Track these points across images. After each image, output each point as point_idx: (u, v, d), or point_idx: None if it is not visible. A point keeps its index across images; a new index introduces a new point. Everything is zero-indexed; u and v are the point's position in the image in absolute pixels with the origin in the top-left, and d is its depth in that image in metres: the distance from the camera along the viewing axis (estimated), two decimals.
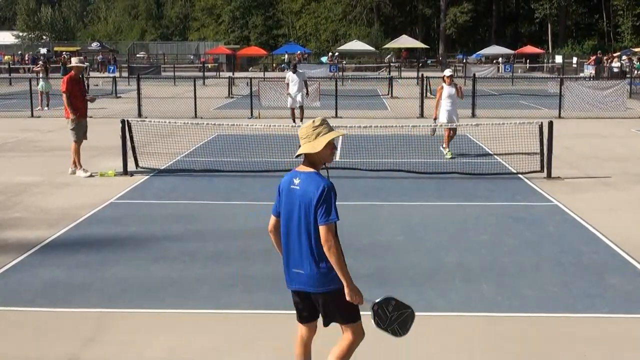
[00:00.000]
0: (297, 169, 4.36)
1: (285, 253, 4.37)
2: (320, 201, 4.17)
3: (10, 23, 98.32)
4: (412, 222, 9.39)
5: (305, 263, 4.27)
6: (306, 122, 4.41)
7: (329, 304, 4.33)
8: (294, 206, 4.27)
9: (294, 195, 4.27)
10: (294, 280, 4.36)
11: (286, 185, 4.34)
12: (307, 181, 4.24)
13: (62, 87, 12.73)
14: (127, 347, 5.52)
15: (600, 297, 6.61)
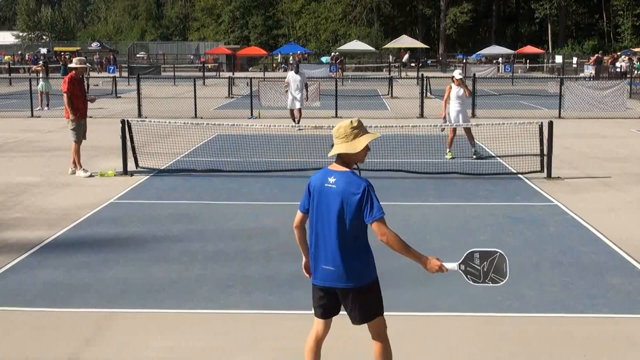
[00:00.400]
0: (329, 167, 4.42)
1: (315, 249, 4.42)
2: (364, 200, 4.29)
3: (10, 23, 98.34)
4: (412, 222, 9.39)
5: (336, 260, 4.32)
6: (343, 122, 4.45)
7: (358, 299, 4.40)
8: (329, 204, 4.32)
9: (329, 194, 4.32)
10: (323, 277, 4.39)
11: (319, 184, 4.39)
12: (345, 180, 4.31)
13: (63, 87, 12.73)
14: (127, 347, 5.52)
15: (600, 297, 6.61)
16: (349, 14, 71.53)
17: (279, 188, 11.55)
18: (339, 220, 4.30)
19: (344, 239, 4.32)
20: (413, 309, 6.29)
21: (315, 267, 4.43)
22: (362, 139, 4.38)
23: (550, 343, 5.56)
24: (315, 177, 4.47)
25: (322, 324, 4.54)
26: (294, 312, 6.20)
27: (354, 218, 4.30)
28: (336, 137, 4.39)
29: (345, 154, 4.36)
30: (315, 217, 4.42)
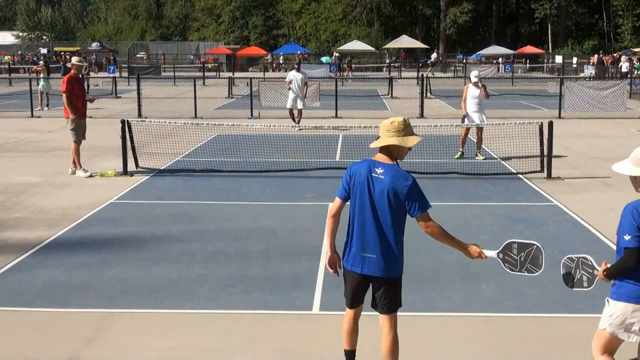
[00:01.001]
0: (374, 158, 4.59)
1: (357, 237, 4.55)
2: (412, 193, 4.49)
3: (10, 23, 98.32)
4: (411, 222, 9.37)
5: (379, 248, 4.51)
6: (396, 117, 4.67)
7: (389, 290, 4.58)
8: (376, 194, 4.48)
9: (377, 184, 4.48)
10: (363, 265, 4.54)
11: (364, 172, 4.52)
12: (393, 172, 4.49)
13: (62, 87, 12.72)
14: (127, 347, 5.52)
15: (600, 297, 6.58)
16: (349, 14, 71.51)
17: (279, 188, 11.55)
18: (385, 210, 4.49)
19: (388, 229, 4.53)
20: (413, 309, 6.28)
21: (354, 255, 4.56)
22: (413, 137, 4.63)
23: (550, 343, 5.57)
24: (358, 166, 4.59)
25: (355, 311, 4.75)
26: (294, 312, 6.21)
27: (399, 209, 4.52)
28: (388, 130, 4.56)
29: (394, 147, 4.57)
30: (358, 206, 4.55)
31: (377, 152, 4.65)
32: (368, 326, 5.72)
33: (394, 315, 4.65)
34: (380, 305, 4.62)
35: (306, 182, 11.94)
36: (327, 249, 4.78)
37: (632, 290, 4.20)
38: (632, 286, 4.20)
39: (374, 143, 4.63)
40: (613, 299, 4.35)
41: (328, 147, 15.36)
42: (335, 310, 6.26)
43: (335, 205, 4.67)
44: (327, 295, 6.63)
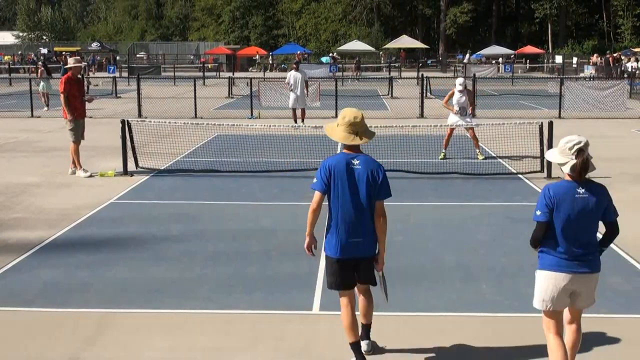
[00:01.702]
0: (346, 152, 5.00)
1: (345, 225, 4.92)
2: (384, 180, 4.92)
3: (10, 23, 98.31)
4: (411, 222, 9.39)
5: (365, 232, 4.93)
6: (357, 113, 5.06)
7: (371, 265, 5.09)
8: (358, 182, 4.89)
9: (357, 173, 4.90)
10: (351, 249, 4.94)
11: (343, 165, 4.91)
12: (368, 162, 4.94)
13: (59, 88, 12.71)
14: (127, 347, 5.53)
15: (600, 297, 6.59)
16: (349, 14, 71.54)
17: (279, 188, 11.55)
18: (365, 197, 4.89)
19: (368, 213, 4.92)
20: (412, 309, 6.29)
21: (343, 243, 4.93)
22: (371, 132, 5.10)
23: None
24: (334, 160, 4.96)
25: (350, 293, 5.09)
26: (294, 312, 6.21)
27: (374, 194, 4.91)
28: (361, 126, 4.97)
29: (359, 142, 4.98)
30: (341, 196, 4.92)
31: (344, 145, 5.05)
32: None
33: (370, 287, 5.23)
34: (364, 279, 5.11)
35: (306, 182, 11.87)
36: (306, 236, 5.16)
37: (549, 259, 4.69)
38: (549, 256, 4.69)
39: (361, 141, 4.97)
40: (538, 269, 4.81)
41: (328, 147, 15.35)
42: (335, 310, 6.24)
43: (318, 200, 4.98)
44: (327, 295, 6.62)
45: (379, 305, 6.36)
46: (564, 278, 4.60)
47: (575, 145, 4.66)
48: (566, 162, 4.64)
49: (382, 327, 5.87)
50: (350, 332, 5.03)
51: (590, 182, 4.69)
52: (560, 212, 4.56)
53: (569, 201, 4.55)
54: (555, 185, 4.66)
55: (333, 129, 5.10)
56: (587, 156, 4.67)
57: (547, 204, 4.60)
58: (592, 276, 4.65)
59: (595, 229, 4.69)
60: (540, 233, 4.70)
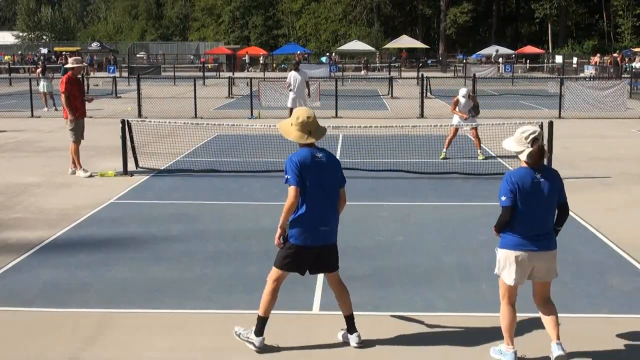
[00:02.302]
0: (308, 148, 5.33)
1: (314, 215, 5.23)
2: (341, 169, 5.46)
3: (10, 23, 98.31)
4: (411, 222, 9.39)
5: (332, 219, 5.36)
6: (310, 113, 5.40)
7: (335, 252, 5.47)
8: (327, 173, 5.31)
9: (322, 165, 5.29)
10: (320, 237, 5.28)
11: (310, 159, 5.26)
12: (328, 154, 5.38)
13: (60, 88, 12.71)
14: (127, 347, 5.53)
15: (600, 297, 6.62)
16: (349, 14, 71.55)
17: (279, 188, 11.53)
18: (332, 187, 5.34)
19: (334, 202, 5.38)
20: (412, 309, 6.29)
21: (311, 231, 5.23)
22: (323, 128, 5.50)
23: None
24: (301, 156, 5.25)
25: (284, 278, 5.45)
26: (294, 312, 6.21)
27: (337, 184, 5.40)
28: (313, 125, 5.33)
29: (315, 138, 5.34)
30: (315, 187, 5.23)
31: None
32: (370, 326, 5.74)
33: (338, 271, 5.53)
34: (329, 267, 5.47)
35: None
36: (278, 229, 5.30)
37: (510, 239, 5.06)
38: (510, 236, 5.06)
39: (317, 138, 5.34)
40: (498, 248, 5.16)
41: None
42: (335, 310, 6.26)
43: (295, 194, 5.21)
44: (327, 295, 6.62)
45: (379, 305, 6.38)
46: (523, 256, 5.03)
47: (530, 135, 4.98)
48: (523, 150, 4.99)
49: (382, 327, 5.88)
50: (266, 308, 5.40)
51: (544, 168, 5.11)
52: (522, 196, 4.96)
53: (529, 185, 4.97)
54: (516, 172, 5.07)
55: (287, 129, 5.37)
56: (541, 144, 5.04)
57: (511, 189, 4.98)
58: (550, 253, 5.11)
59: (551, 210, 5.12)
60: (507, 217, 5.02)
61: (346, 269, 7.35)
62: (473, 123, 13.91)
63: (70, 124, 12.60)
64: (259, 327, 5.38)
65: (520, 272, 5.07)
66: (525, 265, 5.05)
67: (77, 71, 13.00)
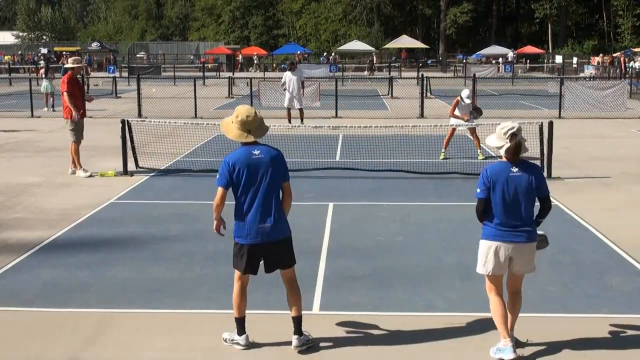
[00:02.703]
0: (247, 146, 5.31)
1: (253, 213, 5.28)
2: (284, 164, 5.44)
3: (10, 23, 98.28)
4: (411, 222, 9.39)
5: (273, 216, 5.29)
6: (250, 109, 5.33)
7: (286, 248, 5.41)
8: (263, 171, 5.27)
9: (260, 163, 5.27)
10: (261, 234, 5.28)
11: (245, 158, 5.26)
12: (269, 150, 5.36)
13: (62, 87, 12.72)
14: (127, 347, 5.53)
15: (600, 297, 6.62)
16: (349, 14, 71.52)
17: None
18: (272, 184, 5.30)
19: (276, 199, 5.33)
20: (412, 309, 6.29)
21: (251, 229, 5.29)
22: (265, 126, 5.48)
23: (550, 343, 5.57)
24: (236, 155, 5.29)
25: (247, 278, 5.47)
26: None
27: (280, 179, 5.36)
28: (254, 124, 5.30)
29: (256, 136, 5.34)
30: (247, 187, 5.28)
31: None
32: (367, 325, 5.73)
33: (293, 269, 5.48)
34: (281, 264, 5.42)
35: (306, 182, 11.93)
36: (214, 220, 5.60)
37: (488, 230, 5.30)
38: (488, 228, 5.31)
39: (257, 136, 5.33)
40: (480, 239, 5.41)
41: (328, 147, 15.38)
42: (335, 310, 6.27)
43: (221, 195, 5.39)
44: (327, 295, 6.63)
45: (379, 305, 6.38)
46: (500, 247, 5.22)
47: (509, 131, 5.17)
48: (502, 146, 5.19)
49: (383, 327, 5.88)
50: (238, 308, 5.45)
51: (524, 162, 5.25)
52: (497, 189, 5.21)
53: (504, 179, 5.19)
54: (492, 166, 5.34)
55: (228, 127, 5.35)
56: (519, 140, 5.19)
57: (485, 183, 5.29)
58: (527, 245, 5.23)
59: (529, 204, 5.21)
60: (480, 208, 5.35)
61: (346, 269, 7.37)
62: (472, 123, 13.91)
63: (71, 123, 12.60)
64: (239, 327, 5.47)
65: (496, 262, 5.25)
66: (501, 256, 5.23)
67: (77, 71, 13.01)
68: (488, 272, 5.31)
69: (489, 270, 5.30)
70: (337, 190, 11.37)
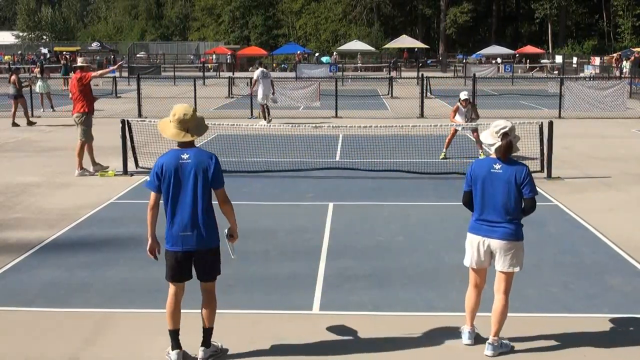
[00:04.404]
0: (177, 148, 5.13)
1: (177, 220, 5.08)
2: (216, 170, 5.13)
3: (10, 23, 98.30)
4: (411, 222, 9.39)
5: (197, 225, 5.09)
6: (188, 109, 5.15)
7: (210, 259, 5.25)
8: (188, 177, 5.05)
9: (186, 168, 5.05)
10: (183, 242, 5.11)
11: (173, 162, 5.05)
12: (199, 155, 5.11)
13: (87, 76, 12.74)
14: (127, 347, 5.53)
15: (600, 297, 6.62)
16: (349, 14, 71.53)
17: (279, 188, 11.55)
18: (197, 190, 5.07)
19: (202, 206, 5.10)
20: (412, 309, 6.29)
21: (175, 236, 5.10)
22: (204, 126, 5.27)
23: (550, 343, 5.57)
24: (166, 157, 5.11)
25: (179, 287, 5.31)
26: (294, 312, 6.21)
27: (207, 186, 5.12)
28: (191, 122, 5.11)
29: (191, 137, 5.13)
30: (173, 192, 5.07)
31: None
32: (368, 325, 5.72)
33: (214, 282, 5.34)
34: (203, 275, 5.28)
35: (306, 182, 11.94)
36: (148, 238, 5.26)
37: (471, 223, 5.46)
38: (471, 221, 5.47)
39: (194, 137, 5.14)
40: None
41: (328, 147, 15.37)
42: (335, 310, 6.27)
43: (153, 198, 5.15)
44: (327, 295, 6.63)
45: (380, 305, 6.38)
46: (479, 240, 5.36)
47: (501, 130, 5.29)
48: (494, 144, 5.31)
49: (383, 327, 5.87)
50: (169, 320, 5.28)
51: (511, 162, 5.33)
52: (477, 184, 5.36)
53: (484, 175, 5.33)
54: (477, 161, 5.51)
55: (165, 126, 5.17)
56: (510, 139, 5.28)
57: (467, 177, 5.46)
58: (503, 242, 5.28)
59: (509, 202, 5.25)
60: (464, 199, 5.51)
61: (346, 269, 7.37)
62: (473, 124, 13.91)
63: (87, 120, 12.65)
64: (172, 341, 5.30)
65: (475, 255, 5.39)
66: (480, 250, 5.36)
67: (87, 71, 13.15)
68: (468, 264, 5.47)
69: (469, 262, 5.46)
70: (337, 190, 11.37)
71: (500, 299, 5.35)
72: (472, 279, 5.51)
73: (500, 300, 5.35)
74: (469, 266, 5.49)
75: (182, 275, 5.24)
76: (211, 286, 5.33)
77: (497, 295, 5.39)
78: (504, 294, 5.36)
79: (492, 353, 5.30)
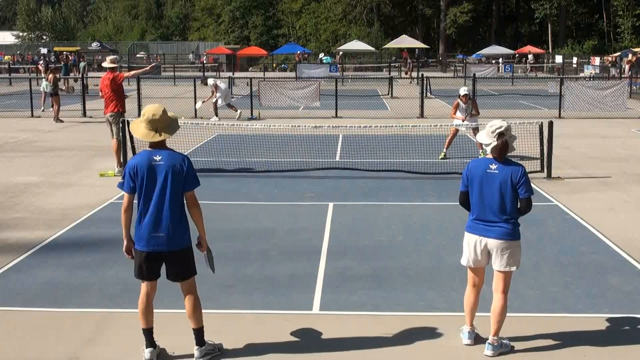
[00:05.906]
0: (150, 149, 5.13)
1: (148, 220, 5.07)
2: (189, 172, 5.14)
3: (10, 23, 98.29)
4: (412, 222, 9.39)
5: (168, 226, 5.09)
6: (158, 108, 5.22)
7: (182, 259, 5.24)
8: (160, 178, 5.05)
9: (158, 169, 5.05)
10: (153, 243, 5.10)
11: (145, 163, 5.05)
12: (171, 157, 5.10)
13: (120, 76, 12.95)
14: (127, 347, 5.53)
15: (600, 297, 6.62)
16: (349, 14, 71.50)
17: (279, 188, 11.55)
18: (168, 191, 5.06)
19: (173, 207, 5.10)
20: (413, 309, 6.29)
21: (145, 236, 5.09)
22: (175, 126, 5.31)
23: (550, 343, 5.57)
24: (138, 159, 5.11)
25: (150, 285, 5.33)
26: (294, 312, 6.21)
27: (179, 188, 5.12)
28: (161, 122, 5.14)
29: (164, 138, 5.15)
30: (144, 193, 5.08)
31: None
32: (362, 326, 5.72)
33: (191, 281, 5.33)
34: (173, 276, 5.29)
35: (306, 182, 11.94)
36: (123, 239, 5.25)
37: (468, 223, 5.49)
38: (468, 220, 5.49)
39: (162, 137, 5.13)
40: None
41: (328, 147, 15.38)
42: (335, 310, 6.27)
43: (126, 199, 5.15)
44: (327, 295, 6.63)
45: (380, 305, 6.38)
46: (474, 239, 5.39)
47: (497, 130, 5.30)
48: (490, 143, 5.32)
49: (383, 327, 5.87)
50: (142, 319, 5.32)
51: (507, 162, 5.35)
52: (474, 184, 5.38)
53: (480, 175, 5.35)
54: (473, 161, 5.51)
55: (137, 127, 5.18)
56: (506, 139, 5.30)
57: (464, 177, 5.49)
58: (499, 242, 5.29)
59: (505, 201, 5.28)
60: (461, 199, 5.53)
61: (347, 269, 7.37)
62: (474, 123, 13.91)
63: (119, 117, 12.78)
64: (146, 340, 5.32)
65: (472, 254, 5.42)
66: (476, 249, 5.38)
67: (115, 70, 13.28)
68: (465, 263, 5.49)
69: (466, 261, 5.49)
70: (337, 190, 11.37)
71: (499, 299, 5.35)
72: (470, 279, 5.53)
73: (499, 299, 5.35)
74: (466, 265, 5.51)
75: (150, 274, 5.27)
76: (190, 285, 5.33)
77: (496, 294, 5.39)
78: (502, 294, 5.36)
79: (492, 353, 5.31)
